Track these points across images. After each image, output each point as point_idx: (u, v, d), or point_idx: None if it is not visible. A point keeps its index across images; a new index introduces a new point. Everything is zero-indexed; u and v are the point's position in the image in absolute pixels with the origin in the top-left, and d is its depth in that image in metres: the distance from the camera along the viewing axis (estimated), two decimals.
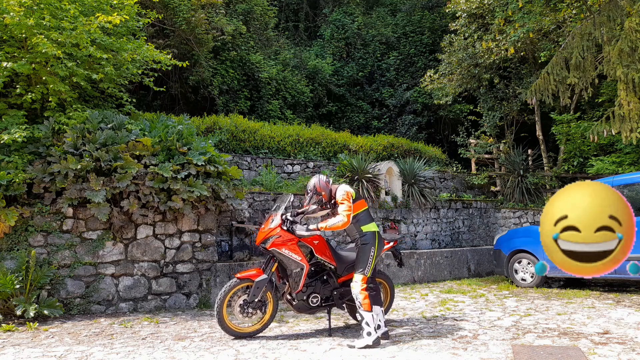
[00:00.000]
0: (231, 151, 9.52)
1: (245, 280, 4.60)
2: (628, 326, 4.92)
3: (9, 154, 5.72)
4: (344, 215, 4.43)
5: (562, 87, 9.08)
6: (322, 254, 4.81)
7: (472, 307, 6.30)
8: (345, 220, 4.43)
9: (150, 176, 5.99)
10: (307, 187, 4.74)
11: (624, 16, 8.17)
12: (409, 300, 6.95)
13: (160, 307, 6.23)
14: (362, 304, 4.35)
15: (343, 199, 4.49)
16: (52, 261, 5.77)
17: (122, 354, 4.08)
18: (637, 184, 6.83)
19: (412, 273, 8.98)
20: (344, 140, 11.35)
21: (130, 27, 7.47)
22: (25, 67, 5.75)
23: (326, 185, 4.66)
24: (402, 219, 10.00)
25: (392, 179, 10.10)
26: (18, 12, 5.69)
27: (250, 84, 13.61)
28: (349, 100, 16.92)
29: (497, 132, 13.84)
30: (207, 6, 12.30)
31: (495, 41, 12.03)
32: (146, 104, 11.80)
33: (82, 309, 5.84)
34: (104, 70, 6.55)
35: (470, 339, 4.54)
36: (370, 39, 18.01)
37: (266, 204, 8.06)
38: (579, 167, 11.80)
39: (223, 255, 7.40)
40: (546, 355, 3.89)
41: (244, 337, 4.61)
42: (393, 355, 3.98)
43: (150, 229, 6.28)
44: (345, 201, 4.47)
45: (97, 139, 5.93)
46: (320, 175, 4.73)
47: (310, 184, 4.70)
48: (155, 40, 10.59)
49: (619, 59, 7.79)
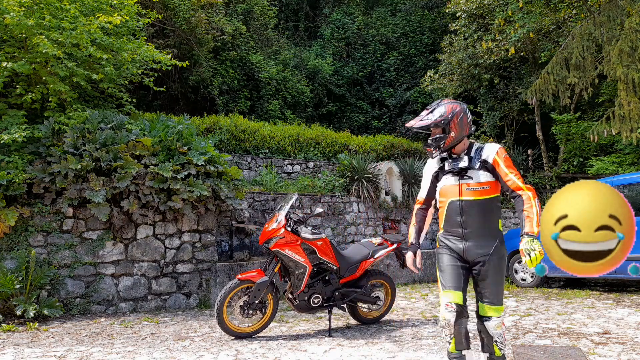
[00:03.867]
0: (231, 151, 9.52)
1: (246, 281, 4.60)
2: (628, 326, 4.92)
3: (9, 154, 5.72)
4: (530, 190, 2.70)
5: (562, 87, 9.08)
6: (325, 254, 4.80)
7: (472, 307, 6.29)
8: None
9: (150, 176, 5.99)
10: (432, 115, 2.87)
11: (624, 16, 8.17)
12: (409, 300, 6.95)
13: (160, 307, 6.23)
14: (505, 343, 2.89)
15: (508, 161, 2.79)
16: (52, 261, 5.76)
17: (122, 354, 4.08)
18: (637, 184, 6.83)
19: (412, 273, 8.98)
20: (344, 140, 11.35)
21: (130, 27, 7.47)
22: (25, 67, 5.75)
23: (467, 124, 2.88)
24: (402, 219, 10.00)
25: (392, 179, 10.10)
26: (18, 12, 5.69)
27: (250, 84, 13.61)
28: (349, 100, 16.93)
29: (497, 132, 13.84)
30: (207, 6, 12.30)
31: (495, 41, 12.03)
32: (146, 104, 11.80)
33: (82, 309, 5.84)
34: (104, 70, 6.55)
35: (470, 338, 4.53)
36: (370, 39, 18.01)
37: (266, 204, 8.06)
38: (579, 167, 11.80)
39: (223, 255, 7.40)
40: (546, 355, 3.89)
41: (243, 337, 4.62)
42: (393, 355, 3.97)
43: (150, 229, 6.28)
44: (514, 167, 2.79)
45: (97, 139, 5.93)
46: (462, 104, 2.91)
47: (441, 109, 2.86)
48: (155, 40, 10.59)
49: (619, 59, 7.79)
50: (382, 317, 5.36)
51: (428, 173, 3.07)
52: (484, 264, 2.79)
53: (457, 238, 2.87)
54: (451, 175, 2.88)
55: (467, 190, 2.80)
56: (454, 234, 2.88)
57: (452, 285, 2.81)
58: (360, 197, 9.28)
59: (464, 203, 2.81)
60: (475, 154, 2.84)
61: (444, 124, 2.82)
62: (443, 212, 2.92)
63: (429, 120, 2.86)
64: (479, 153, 2.83)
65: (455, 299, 2.78)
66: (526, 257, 2.47)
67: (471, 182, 2.80)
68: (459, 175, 2.84)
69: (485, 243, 2.80)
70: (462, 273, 2.84)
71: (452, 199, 2.85)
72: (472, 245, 2.82)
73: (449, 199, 2.87)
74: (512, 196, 2.76)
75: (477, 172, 2.80)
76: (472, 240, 2.82)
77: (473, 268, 2.87)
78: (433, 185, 3.03)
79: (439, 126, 2.85)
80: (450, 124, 2.82)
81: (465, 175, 2.82)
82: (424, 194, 3.09)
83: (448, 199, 2.87)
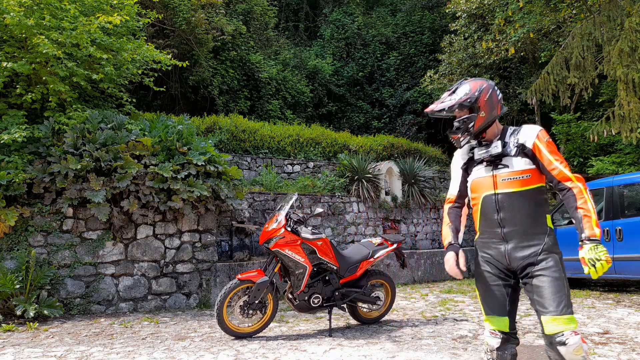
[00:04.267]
0: (231, 151, 9.52)
1: (246, 281, 4.60)
2: (628, 326, 4.92)
3: (9, 154, 5.72)
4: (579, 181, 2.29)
5: (562, 87, 9.09)
6: (325, 254, 4.80)
7: (472, 307, 6.30)
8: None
9: (150, 176, 5.99)
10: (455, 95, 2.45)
11: (624, 16, 8.17)
12: (409, 300, 6.95)
13: (160, 307, 6.23)
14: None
15: (551, 146, 2.37)
16: (52, 261, 5.76)
17: (122, 354, 4.08)
18: (637, 184, 6.83)
19: (412, 273, 8.98)
20: (344, 140, 11.35)
21: (130, 27, 7.47)
22: (25, 67, 5.75)
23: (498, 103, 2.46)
24: (402, 219, 10.00)
25: (392, 179, 10.10)
26: (18, 12, 5.69)
27: (250, 84, 13.61)
28: (349, 100, 16.93)
29: None
30: (207, 6, 12.30)
31: (495, 41, 12.04)
32: (146, 104, 11.81)
33: (82, 309, 5.84)
34: (104, 70, 6.55)
35: (470, 339, 4.53)
36: (370, 39, 18.01)
37: (266, 204, 8.06)
38: (579, 167, 11.81)
39: (223, 255, 7.40)
40: (546, 356, 3.89)
41: (243, 337, 4.61)
42: (393, 355, 3.97)
43: (150, 229, 6.28)
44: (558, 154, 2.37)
45: (97, 139, 5.93)
46: (488, 81, 2.53)
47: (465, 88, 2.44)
48: (155, 40, 10.59)
49: (619, 59, 7.80)
50: (382, 317, 5.36)
51: (456, 166, 2.62)
52: (535, 267, 2.25)
53: (496, 240, 2.37)
54: (482, 166, 2.41)
55: (502, 182, 2.33)
56: (492, 235, 2.38)
57: (496, 311, 2.35)
58: (360, 197, 9.28)
59: (501, 197, 2.33)
60: (511, 138, 2.38)
61: (471, 103, 2.38)
62: (477, 210, 2.44)
63: (453, 101, 2.41)
64: (514, 137, 2.37)
65: (500, 326, 2.34)
66: (589, 267, 2.08)
67: (507, 172, 2.32)
68: (492, 165, 2.37)
69: (531, 243, 2.28)
70: (506, 293, 2.35)
71: (486, 193, 2.38)
72: (514, 247, 2.30)
73: (482, 194, 2.40)
74: (558, 189, 2.29)
75: (514, 159, 2.32)
76: (514, 240, 2.31)
77: (522, 277, 2.34)
78: (464, 179, 2.55)
79: (465, 106, 2.40)
80: (477, 102, 2.37)
81: (500, 163, 2.35)
82: (455, 190, 2.60)
83: (482, 193, 2.40)
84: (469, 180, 2.50)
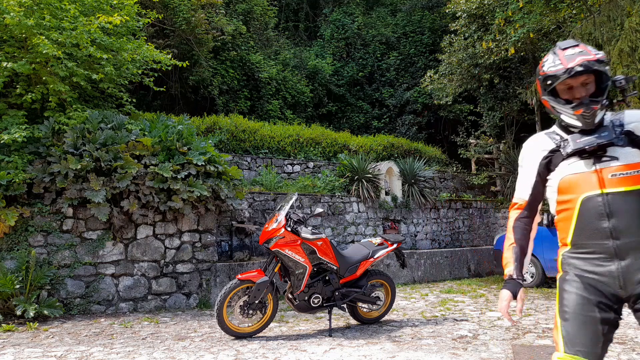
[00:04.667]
0: (231, 151, 9.52)
1: (246, 281, 4.60)
2: (628, 326, 4.91)
3: (9, 154, 5.72)
4: None
5: None
6: (325, 254, 4.81)
7: (472, 307, 6.30)
8: None
9: (150, 176, 5.99)
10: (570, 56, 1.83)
11: (624, 16, 8.17)
12: (409, 300, 6.95)
13: (160, 307, 6.23)
14: None
15: None
16: (52, 261, 5.76)
17: (122, 354, 4.08)
18: None
19: (412, 273, 8.98)
20: (344, 140, 11.36)
21: (130, 27, 7.47)
22: (25, 67, 5.75)
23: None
24: (402, 219, 10.00)
25: (392, 179, 10.10)
26: (18, 12, 5.68)
27: (250, 84, 13.61)
28: (349, 100, 16.93)
29: (497, 132, 13.84)
30: (207, 6, 12.30)
31: (495, 41, 12.03)
32: (146, 104, 11.80)
33: (82, 309, 5.84)
34: (104, 70, 6.55)
35: (470, 339, 4.54)
36: (370, 39, 18.01)
37: (266, 204, 8.06)
38: None
39: (223, 255, 7.40)
40: (546, 355, 3.89)
41: (243, 337, 4.62)
42: (393, 355, 3.97)
43: (150, 229, 6.28)
44: None
45: (97, 139, 5.93)
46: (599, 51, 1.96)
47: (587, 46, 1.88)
48: (155, 40, 10.59)
49: (619, 59, 7.80)
50: (382, 317, 5.37)
51: (532, 160, 1.99)
52: None
53: (604, 257, 1.78)
54: (576, 158, 1.82)
55: (611, 178, 1.76)
56: (597, 250, 1.79)
57: (583, 352, 1.74)
58: (360, 197, 9.28)
59: (611, 198, 1.75)
60: (612, 123, 1.83)
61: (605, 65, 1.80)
62: (571, 217, 1.84)
63: (593, 56, 1.79)
64: (617, 122, 1.83)
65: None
66: None
67: (617, 165, 1.76)
68: (595, 157, 1.79)
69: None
70: (602, 331, 1.77)
71: (587, 195, 1.79)
72: (633, 264, 1.74)
73: (580, 195, 1.80)
74: None
75: (624, 150, 1.77)
76: (632, 256, 1.74)
77: (634, 304, 1.80)
78: (542, 179, 1.94)
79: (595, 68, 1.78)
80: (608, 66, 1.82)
81: (604, 155, 1.79)
82: (527, 193, 1.99)
83: (579, 194, 1.81)
84: (552, 179, 1.90)
